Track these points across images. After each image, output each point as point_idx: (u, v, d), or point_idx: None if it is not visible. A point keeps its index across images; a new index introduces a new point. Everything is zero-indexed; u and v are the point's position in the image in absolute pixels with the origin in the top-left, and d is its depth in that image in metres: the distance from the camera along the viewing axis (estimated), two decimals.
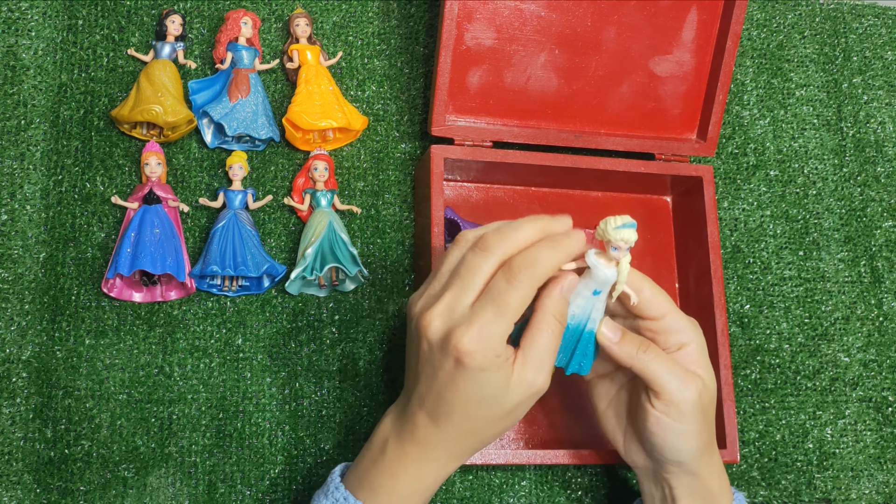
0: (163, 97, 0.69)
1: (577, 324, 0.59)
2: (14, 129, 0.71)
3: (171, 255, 0.67)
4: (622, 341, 0.59)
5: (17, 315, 0.67)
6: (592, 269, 0.57)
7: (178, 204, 0.71)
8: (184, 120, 0.70)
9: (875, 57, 0.93)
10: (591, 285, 0.58)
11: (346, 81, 0.78)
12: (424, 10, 0.82)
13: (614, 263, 0.57)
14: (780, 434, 0.79)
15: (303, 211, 0.73)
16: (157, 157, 0.70)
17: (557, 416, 0.74)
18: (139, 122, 0.72)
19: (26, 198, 0.70)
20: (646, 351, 0.59)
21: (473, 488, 0.72)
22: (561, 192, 0.80)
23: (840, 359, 0.82)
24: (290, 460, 0.69)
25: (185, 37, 0.74)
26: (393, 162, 0.77)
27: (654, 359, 0.58)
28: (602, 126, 0.78)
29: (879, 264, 0.86)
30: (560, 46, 0.75)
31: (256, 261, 0.68)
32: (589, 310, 0.59)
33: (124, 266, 0.65)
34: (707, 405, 0.59)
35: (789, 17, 0.91)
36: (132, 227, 0.68)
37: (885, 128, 0.91)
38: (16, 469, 0.65)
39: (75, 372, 0.67)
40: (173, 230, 0.69)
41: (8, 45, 0.72)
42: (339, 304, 0.73)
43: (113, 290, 0.68)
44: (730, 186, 0.85)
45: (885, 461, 0.80)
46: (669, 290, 0.80)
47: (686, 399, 0.58)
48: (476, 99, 0.75)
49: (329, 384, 0.71)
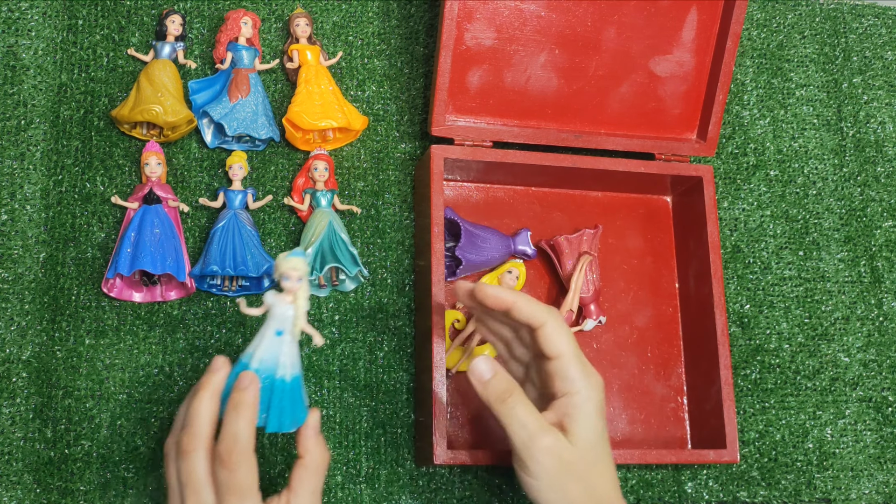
0: (163, 97, 0.69)
1: (267, 373, 0.56)
2: (14, 129, 0.71)
3: (171, 255, 0.67)
4: (489, 383, 0.58)
5: (17, 315, 0.67)
6: (269, 307, 0.56)
7: (178, 204, 0.71)
8: (184, 120, 0.70)
9: (875, 57, 0.93)
10: (272, 325, 0.56)
11: (346, 81, 0.78)
12: (424, 10, 0.82)
13: (291, 299, 0.56)
14: (780, 434, 0.79)
15: (303, 211, 0.73)
16: (157, 157, 0.70)
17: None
18: (139, 122, 0.72)
19: (26, 198, 0.70)
20: (504, 401, 0.57)
21: (473, 488, 0.72)
22: (561, 192, 0.80)
23: (840, 359, 0.82)
24: (290, 460, 0.69)
25: (185, 37, 0.74)
26: (393, 162, 0.77)
27: (514, 408, 0.57)
28: (602, 126, 0.78)
29: (879, 264, 0.86)
30: (560, 46, 0.75)
31: (256, 261, 0.68)
32: (276, 354, 0.56)
33: (124, 266, 0.65)
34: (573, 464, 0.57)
35: (789, 17, 0.91)
36: (132, 227, 0.68)
37: (885, 128, 0.91)
38: (16, 469, 0.65)
39: (75, 372, 0.67)
40: (173, 230, 0.69)
41: (8, 45, 0.72)
42: (339, 304, 0.73)
43: (113, 290, 0.68)
44: (730, 186, 0.85)
45: (885, 461, 0.80)
46: (669, 289, 0.80)
47: (535, 459, 0.56)
48: (476, 99, 0.75)
49: (329, 384, 0.71)
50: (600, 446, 0.58)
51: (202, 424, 0.55)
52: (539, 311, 0.59)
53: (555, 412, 0.58)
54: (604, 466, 0.58)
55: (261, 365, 0.56)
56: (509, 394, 0.58)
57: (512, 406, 0.57)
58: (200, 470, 0.54)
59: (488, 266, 0.75)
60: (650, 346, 0.78)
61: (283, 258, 0.55)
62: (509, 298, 0.59)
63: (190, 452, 0.54)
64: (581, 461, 0.57)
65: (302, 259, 0.55)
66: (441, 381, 0.67)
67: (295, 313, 0.56)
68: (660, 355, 0.78)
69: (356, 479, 0.70)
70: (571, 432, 0.57)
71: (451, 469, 0.72)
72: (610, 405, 0.76)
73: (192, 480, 0.54)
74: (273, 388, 0.56)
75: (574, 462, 0.57)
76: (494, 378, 0.58)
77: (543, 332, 0.58)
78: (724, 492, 0.76)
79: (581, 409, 0.58)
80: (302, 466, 0.58)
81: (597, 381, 0.59)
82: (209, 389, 0.56)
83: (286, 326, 0.56)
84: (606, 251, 0.80)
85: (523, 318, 0.59)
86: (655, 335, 0.79)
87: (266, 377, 0.56)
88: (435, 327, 0.68)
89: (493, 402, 0.58)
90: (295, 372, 0.57)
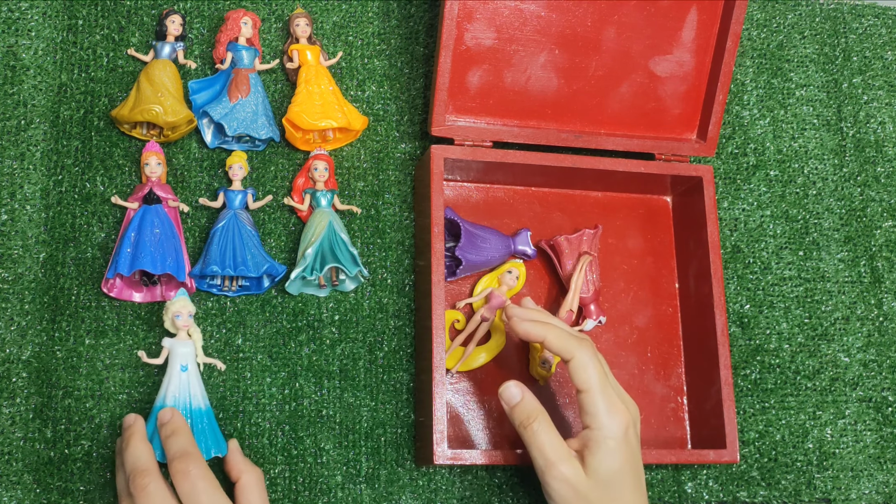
0: (163, 97, 0.69)
1: (182, 406, 0.63)
2: (14, 129, 0.71)
3: (171, 255, 0.67)
4: (516, 406, 0.61)
5: (17, 315, 0.67)
6: (169, 349, 0.64)
7: (178, 204, 0.71)
8: (184, 120, 0.70)
9: (875, 57, 0.93)
10: (176, 363, 0.64)
11: (346, 81, 0.78)
12: (424, 10, 0.82)
13: (185, 335, 0.64)
14: (780, 434, 0.79)
15: (303, 211, 0.73)
16: (157, 157, 0.70)
17: (558, 416, 0.74)
18: (139, 122, 0.72)
19: (26, 198, 0.70)
20: (526, 427, 0.60)
21: (473, 488, 0.72)
22: (561, 192, 0.80)
23: (840, 359, 0.82)
24: (290, 460, 0.69)
25: (185, 37, 0.74)
26: (393, 162, 0.77)
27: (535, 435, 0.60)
28: (602, 126, 0.78)
29: (879, 264, 0.86)
30: (560, 46, 0.75)
31: (256, 261, 0.68)
32: (186, 387, 0.63)
33: (124, 266, 0.65)
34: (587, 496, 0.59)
35: (789, 17, 0.91)
36: (132, 227, 0.67)
37: (885, 128, 0.91)
38: (16, 469, 0.65)
39: (75, 372, 0.67)
40: (173, 230, 0.69)
41: (8, 45, 0.72)
42: (339, 304, 0.73)
43: (113, 290, 0.68)
44: (730, 186, 0.85)
45: (885, 461, 0.80)
46: (669, 289, 0.80)
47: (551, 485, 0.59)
48: (476, 99, 0.75)
49: (329, 384, 0.71)
50: (618, 481, 0.60)
51: (146, 461, 0.59)
52: (570, 345, 0.61)
53: (578, 442, 0.61)
54: (623, 501, 0.60)
55: (174, 401, 0.63)
56: (533, 419, 0.60)
57: (535, 432, 0.60)
58: (163, 499, 0.57)
59: (488, 266, 0.75)
60: (650, 346, 0.78)
61: (171, 301, 0.64)
62: (541, 333, 0.61)
63: (147, 486, 0.57)
64: (595, 494, 0.59)
65: (186, 299, 0.65)
66: (441, 381, 0.67)
67: (194, 346, 0.64)
68: (660, 355, 0.78)
69: (356, 479, 0.70)
70: (589, 465, 0.59)
71: (451, 469, 0.72)
72: None
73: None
74: (192, 418, 0.63)
75: (587, 494, 0.59)
76: (521, 402, 0.61)
77: (572, 366, 0.60)
78: (724, 492, 0.76)
79: (601, 444, 0.59)
80: (241, 487, 0.62)
81: (622, 418, 0.60)
82: (136, 435, 0.61)
83: (189, 361, 0.64)
84: (606, 251, 0.80)
85: (554, 351, 0.61)
86: (655, 335, 0.79)
87: (182, 409, 0.63)
88: (435, 327, 0.68)
89: (518, 425, 0.61)
90: (207, 403, 0.64)
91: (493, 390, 0.74)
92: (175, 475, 0.58)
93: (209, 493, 0.57)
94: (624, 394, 0.62)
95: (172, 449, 0.59)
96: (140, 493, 0.57)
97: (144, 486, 0.57)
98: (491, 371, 0.74)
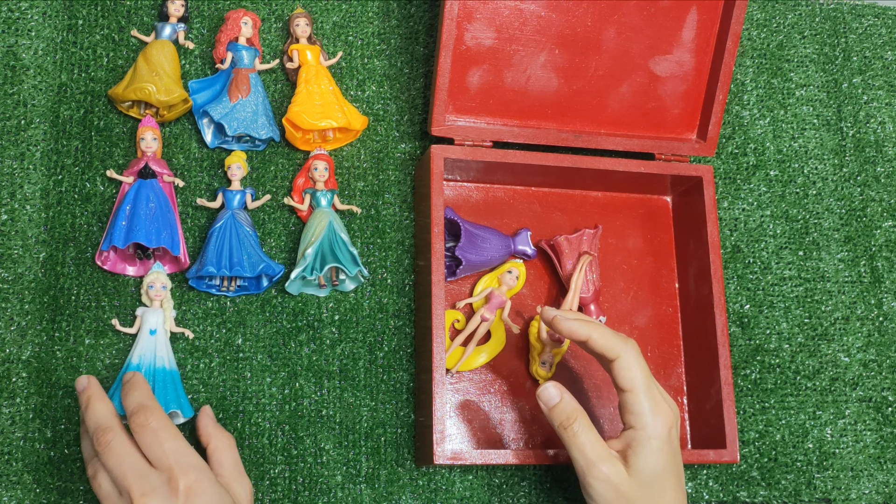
0: (157, 76, 0.69)
1: (147, 366, 0.64)
2: (14, 129, 0.71)
3: (166, 229, 0.67)
4: (555, 408, 0.61)
5: (17, 315, 0.67)
6: (141, 317, 0.67)
7: (174, 179, 0.71)
8: (177, 99, 0.70)
9: (875, 57, 0.93)
10: (145, 328, 0.66)
11: (346, 81, 0.78)
12: (424, 10, 0.82)
13: (158, 304, 0.67)
14: (780, 434, 0.79)
15: (303, 211, 0.73)
16: (153, 132, 0.70)
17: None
18: (136, 102, 0.72)
19: (26, 198, 0.70)
20: (566, 428, 0.60)
21: (473, 488, 0.72)
22: (561, 192, 0.80)
23: (840, 359, 0.82)
24: (290, 460, 0.69)
25: (187, 18, 0.74)
26: (393, 162, 0.77)
27: (575, 436, 0.60)
28: (602, 126, 0.78)
29: (879, 264, 0.86)
30: (560, 46, 0.75)
31: (252, 261, 0.68)
32: (153, 349, 0.65)
33: (119, 238, 0.65)
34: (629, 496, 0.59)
35: (789, 17, 0.91)
36: (127, 201, 0.68)
37: (885, 128, 0.91)
38: (16, 469, 0.65)
39: (75, 372, 0.67)
40: (168, 205, 0.69)
41: (8, 45, 0.72)
42: (339, 304, 0.73)
43: (107, 262, 0.68)
44: (730, 186, 0.85)
45: (885, 461, 0.80)
46: (669, 289, 0.80)
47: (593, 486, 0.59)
48: (476, 99, 0.75)
49: (329, 384, 0.71)
50: (661, 481, 0.60)
51: (107, 418, 0.58)
52: (615, 344, 0.61)
53: (621, 442, 0.61)
54: (665, 501, 0.60)
55: (140, 360, 0.65)
56: (573, 420, 0.60)
57: (575, 432, 0.60)
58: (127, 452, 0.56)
59: (488, 266, 0.75)
60: (650, 345, 0.78)
61: (149, 272, 0.67)
62: (585, 332, 0.61)
63: (110, 441, 0.56)
64: (637, 494, 0.59)
65: (162, 270, 0.68)
66: (441, 381, 0.67)
67: (164, 315, 0.67)
68: (660, 355, 0.78)
69: (356, 479, 0.70)
70: (631, 465, 0.59)
71: (451, 469, 0.72)
72: (610, 405, 0.76)
73: (128, 467, 0.55)
74: (155, 376, 0.64)
75: (629, 494, 0.59)
76: (560, 403, 0.61)
77: (616, 365, 0.60)
78: (724, 492, 0.76)
79: (644, 444, 0.59)
80: (211, 451, 0.62)
81: (665, 418, 0.60)
82: (93, 396, 0.60)
83: (157, 326, 0.66)
84: (606, 251, 0.80)
85: (598, 350, 0.61)
86: (655, 335, 0.79)
87: (147, 369, 0.64)
88: (435, 327, 0.68)
89: (558, 426, 0.61)
90: (173, 365, 0.66)
91: (494, 390, 0.74)
92: (135, 430, 0.57)
93: (171, 442, 0.56)
94: (665, 394, 0.62)
95: (131, 405, 0.58)
96: (104, 449, 0.56)
97: (107, 441, 0.56)
98: (491, 371, 0.74)
